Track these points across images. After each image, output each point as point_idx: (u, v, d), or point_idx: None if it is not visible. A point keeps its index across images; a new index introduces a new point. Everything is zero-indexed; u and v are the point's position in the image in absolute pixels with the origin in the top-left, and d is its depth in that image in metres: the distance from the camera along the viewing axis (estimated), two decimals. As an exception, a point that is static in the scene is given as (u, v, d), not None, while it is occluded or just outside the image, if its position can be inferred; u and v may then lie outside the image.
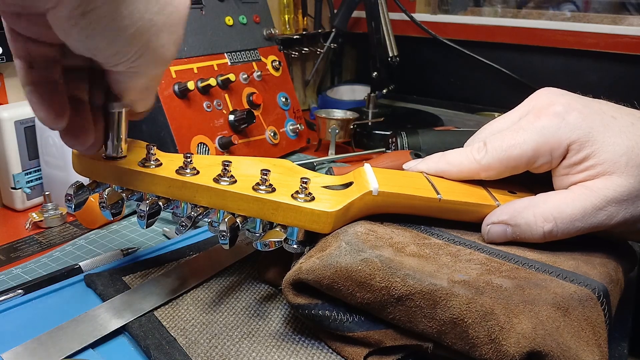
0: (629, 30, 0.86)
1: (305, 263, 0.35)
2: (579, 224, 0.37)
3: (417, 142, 0.72)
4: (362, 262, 0.33)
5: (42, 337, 0.36)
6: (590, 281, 0.35)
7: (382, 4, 0.91)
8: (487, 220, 0.40)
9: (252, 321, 0.39)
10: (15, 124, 0.58)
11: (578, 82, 0.93)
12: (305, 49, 0.99)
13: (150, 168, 0.38)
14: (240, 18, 0.77)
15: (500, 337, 0.30)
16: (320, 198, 0.37)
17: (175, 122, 0.63)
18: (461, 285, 0.32)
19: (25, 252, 0.52)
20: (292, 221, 0.37)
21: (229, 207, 0.38)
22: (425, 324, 0.32)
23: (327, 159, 0.76)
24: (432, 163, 0.43)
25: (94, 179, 0.39)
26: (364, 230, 0.37)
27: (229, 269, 0.46)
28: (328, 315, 0.35)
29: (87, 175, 0.40)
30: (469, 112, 1.04)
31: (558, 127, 0.38)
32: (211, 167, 0.39)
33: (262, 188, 0.37)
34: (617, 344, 0.38)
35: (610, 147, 0.37)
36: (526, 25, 0.96)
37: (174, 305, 0.40)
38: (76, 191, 0.38)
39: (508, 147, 0.39)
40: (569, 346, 0.31)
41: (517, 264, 0.36)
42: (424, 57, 1.10)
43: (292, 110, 0.81)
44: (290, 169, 0.42)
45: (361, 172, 0.41)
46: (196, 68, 0.68)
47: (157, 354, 0.35)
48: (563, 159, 0.38)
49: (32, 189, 0.61)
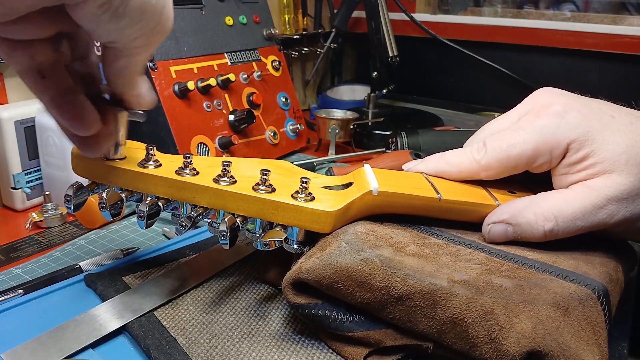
0: (629, 30, 0.87)
1: (305, 263, 0.35)
2: (579, 223, 0.37)
3: (417, 142, 0.72)
4: (362, 261, 0.33)
5: (42, 337, 0.36)
6: (590, 281, 0.35)
7: (382, 4, 0.91)
8: (488, 220, 0.40)
9: (252, 321, 0.39)
10: (15, 124, 0.58)
11: (578, 82, 0.93)
12: (305, 49, 0.99)
13: (150, 169, 0.38)
14: (240, 18, 0.77)
15: (500, 337, 0.30)
16: (320, 198, 0.37)
17: (175, 122, 0.63)
18: (461, 285, 0.32)
19: (25, 252, 0.52)
20: (292, 221, 0.37)
21: (229, 208, 0.37)
22: (425, 323, 0.32)
23: (327, 159, 0.76)
24: (432, 163, 0.43)
25: (93, 180, 0.39)
26: (364, 230, 0.37)
27: (229, 269, 0.46)
28: (328, 315, 0.35)
29: (87, 177, 0.40)
30: (469, 112, 1.04)
31: (557, 127, 0.38)
32: (211, 167, 0.39)
33: (262, 188, 0.37)
34: (617, 343, 0.38)
35: (609, 145, 0.37)
36: (526, 25, 0.96)
37: (174, 305, 0.40)
38: (75, 192, 0.38)
39: (508, 146, 0.39)
40: (568, 346, 0.31)
41: (517, 263, 0.36)
42: (424, 57, 1.10)
43: (292, 110, 0.81)
44: (289, 169, 0.42)
45: (361, 172, 0.41)
46: (196, 68, 0.68)
47: (157, 354, 0.35)
48: (563, 158, 0.39)
49: (32, 189, 0.61)
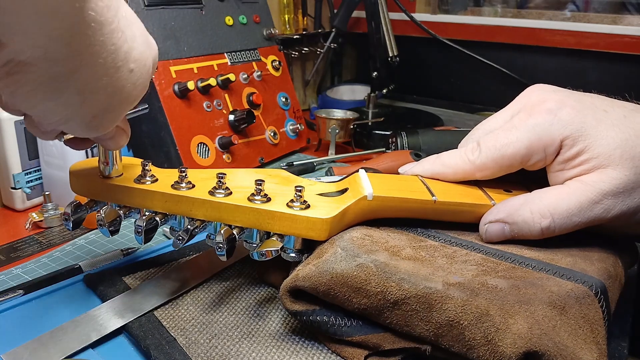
0: (629, 30, 0.86)
1: (301, 270, 0.35)
2: (576, 219, 0.37)
3: (417, 142, 0.72)
4: (357, 267, 0.34)
5: (43, 337, 0.36)
6: (588, 278, 0.35)
7: (382, 4, 0.91)
8: (484, 220, 0.40)
9: (252, 321, 0.39)
10: (15, 124, 0.58)
11: (578, 82, 0.92)
12: (305, 49, 0.99)
13: (146, 184, 0.39)
14: (240, 18, 0.77)
15: (496, 338, 0.30)
16: (315, 205, 0.37)
17: (175, 122, 0.63)
18: (456, 288, 0.32)
19: (25, 252, 0.52)
20: (289, 230, 0.37)
21: (225, 219, 0.38)
22: (422, 327, 0.33)
23: (327, 159, 0.76)
24: (428, 165, 0.44)
25: (91, 198, 0.40)
26: (360, 235, 0.37)
27: (229, 269, 0.46)
28: (326, 321, 0.35)
29: (85, 195, 0.40)
30: (469, 112, 1.04)
31: (551, 124, 0.38)
32: (206, 180, 0.40)
33: (258, 198, 0.37)
34: (617, 343, 0.38)
35: (603, 140, 0.37)
36: (526, 25, 0.96)
37: (174, 305, 0.41)
38: (74, 210, 0.39)
39: (502, 146, 0.40)
40: (566, 345, 0.31)
41: (513, 263, 0.36)
42: (424, 57, 1.10)
43: (292, 110, 0.82)
44: (285, 178, 0.42)
45: (356, 177, 0.41)
46: (196, 68, 0.68)
47: (157, 354, 0.35)
48: (557, 155, 0.39)
49: (32, 189, 0.62)
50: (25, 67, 0.25)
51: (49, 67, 0.25)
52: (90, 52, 0.26)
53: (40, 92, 0.27)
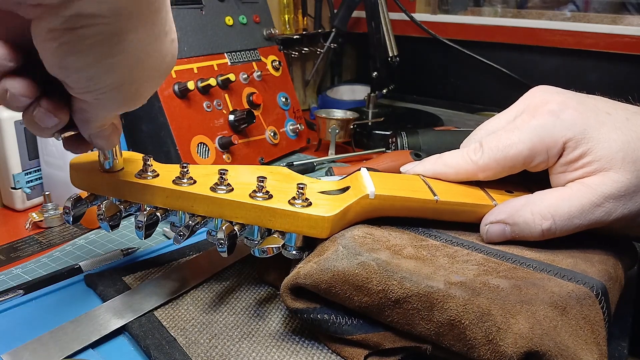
0: (629, 30, 0.86)
1: (303, 268, 0.35)
2: (577, 221, 0.37)
3: (417, 142, 0.72)
4: (359, 265, 0.34)
5: (43, 337, 0.36)
6: (589, 279, 0.35)
7: (382, 4, 0.91)
8: (485, 220, 0.40)
9: (252, 321, 0.39)
10: (15, 124, 0.58)
11: (578, 82, 0.92)
12: (305, 49, 0.99)
13: (147, 179, 0.39)
14: (240, 18, 0.77)
15: (498, 338, 0.30)
16: (317, 203, 0.37)
17: (175, 122, 0.63)
18: (458, 287, 0.32)
19: (25, 252, 0.52)
20: (290, 227, 0.37)
21: (227, 215, 0.38)
22: (423, 326, 0.32)
23: (327, 159, 0.76)
24: (429, 165, 0.43)
25: (92, 192, 0.40)
26: (361, 234, 0.37)
27: (229, 269, 0.46)
28: (327, 319, 0.35)
29: (86, 189, 0.40)
30: (469, 112, 1.04)
31: (553, 125, 0.38)
32: (208, 176, 0.39)
33: (259, 195, 0.37)
34: (617, 343, 0.38)
35: (606, 143, 0.37)
36: (526, 25, 0.96)
37: (174, 305, 0.41)
38: (74, 204, 0.38)
39: (504, 147, 0.39)
40: (567, 345, 0.31)
41: (514, 263, 0.36)
42: (424, 57, 1.10)
43: (292, 110, 0.82)
44: (287, 175, 0.42)
45: (358, 176, 0.41)
46: (196, 68, 0.68)
47: (157, 353, 0.35)
48: (559, 157, 0.38)
49: (32, 189, 0.62)
50: (90, 20, 0.25)
51: (112, 21, 0.26)
52: (151, 9, 0.27)
53: (97, 50, 0.26)
